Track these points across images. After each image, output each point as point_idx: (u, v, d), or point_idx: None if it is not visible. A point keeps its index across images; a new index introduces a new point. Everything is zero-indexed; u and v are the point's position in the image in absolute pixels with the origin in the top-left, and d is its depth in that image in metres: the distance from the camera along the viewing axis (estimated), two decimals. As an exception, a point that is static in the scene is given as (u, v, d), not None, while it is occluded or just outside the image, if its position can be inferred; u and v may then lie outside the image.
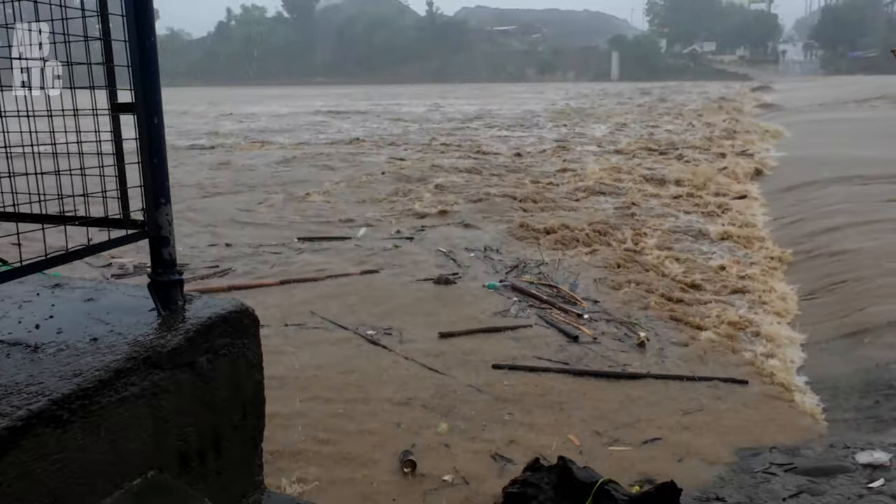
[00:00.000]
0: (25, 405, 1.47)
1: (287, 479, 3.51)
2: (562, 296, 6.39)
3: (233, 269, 7.35)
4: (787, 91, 47.83)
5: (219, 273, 7.20)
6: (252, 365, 2.16)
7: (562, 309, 6.01)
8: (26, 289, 2.21)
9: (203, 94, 57.70)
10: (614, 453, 3.84)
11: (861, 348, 5.04)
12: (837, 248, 7.49)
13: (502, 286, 6.65)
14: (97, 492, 1.63)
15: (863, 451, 3.51)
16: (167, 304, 2.02)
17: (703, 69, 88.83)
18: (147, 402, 1.75)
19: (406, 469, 3.67)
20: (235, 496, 2.14)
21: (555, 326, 5.64)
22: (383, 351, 5.20)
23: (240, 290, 6.53)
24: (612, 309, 6.10)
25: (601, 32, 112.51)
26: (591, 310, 6.07)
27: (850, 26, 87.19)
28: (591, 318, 5.86)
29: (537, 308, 6.08)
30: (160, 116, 1.98)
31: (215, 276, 7.11)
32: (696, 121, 26.16)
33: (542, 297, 6.32)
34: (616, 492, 2.71)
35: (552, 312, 5.91)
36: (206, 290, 6.26)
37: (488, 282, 6.75)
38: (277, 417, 3.97)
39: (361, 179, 13.37)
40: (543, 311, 5.96)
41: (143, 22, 1.88)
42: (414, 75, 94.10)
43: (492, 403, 4.40)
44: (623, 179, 13.00)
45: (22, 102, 1.96)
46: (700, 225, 9.51)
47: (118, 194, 2.04)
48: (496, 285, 6.66)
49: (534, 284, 6.75)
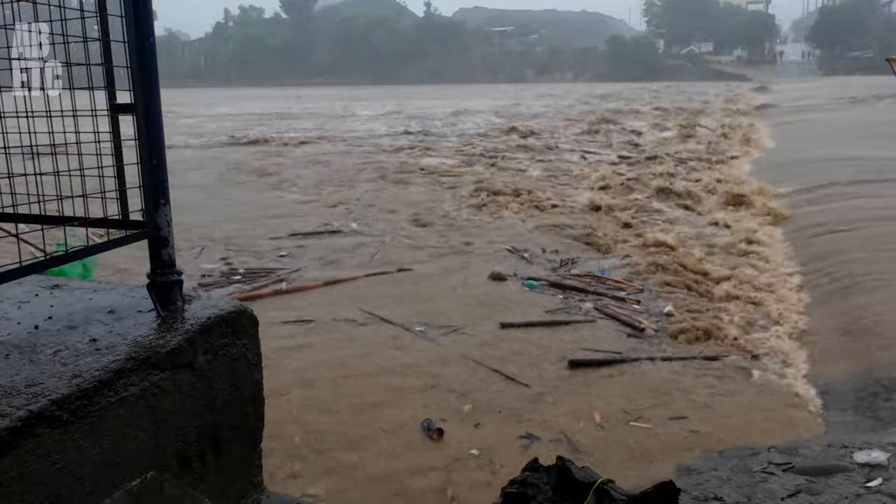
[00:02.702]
0: (25, 406, 1.47)
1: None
2: (605, 284, 6.60)
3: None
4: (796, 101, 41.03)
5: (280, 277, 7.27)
6: (252, 365, 2.16)
7: (615, 298, 6.29)
8: (25, 289, 2.21)
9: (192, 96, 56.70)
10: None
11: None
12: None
13: (540, 285, 6.79)
14: (97, 492, 1.63)
15: (861, 451, 3.52)
16: (166, 305, 2.02)
17: (700, 70, 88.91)
18: (146, 402, 1.75)
19: (434, 437, 3.83)
20: (235, 497, 2.14)
21: (617, 319, 5.79)
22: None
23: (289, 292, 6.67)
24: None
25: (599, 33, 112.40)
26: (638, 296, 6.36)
27: (847, 27, 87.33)
28: (647, 308, 6.09)
29: (587, 300, 6.29)
30: (159, 117, 1.98)
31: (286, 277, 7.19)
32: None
33: (587, 287, 6.54)
34: (615, 491, 2.71)
35: (606, 303, 6.12)
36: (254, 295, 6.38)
37: (527, 281, 6.88)
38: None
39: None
40: (595, 302, 6.19)
41: (142, 23, 1.88)
42: (412, 76, 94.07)
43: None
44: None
45: (21, 103, 1.96)
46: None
47: (117, 195, 2.04)
48: (534, 284, 6.79)
49: (569, 276, 6.95)
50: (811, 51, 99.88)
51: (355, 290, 6.75)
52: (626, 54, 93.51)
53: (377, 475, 3.67)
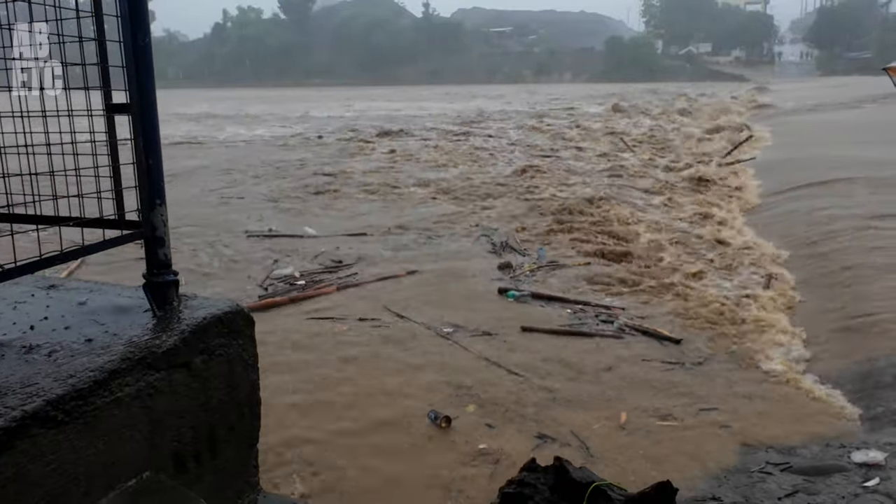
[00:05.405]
0: (20, 406, 1.47)
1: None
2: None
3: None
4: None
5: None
6: (248, 365, 2.16)
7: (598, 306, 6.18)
8: (21, 290, 2.21)
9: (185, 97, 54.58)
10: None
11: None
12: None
13: (521, 296, 6.41)
14: (92, 493, 1.62)
15: (858, 451, 3.52)
16: (162, 305, 2.02)
17: (698, 70, 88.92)
18: (142, 402, 1.75)
19: (443, 424, 3.96)
20: (231, 497, 2.14)
21: (649, 334, 5.57)
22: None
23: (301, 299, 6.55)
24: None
25: (597, 34, 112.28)
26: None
27: (845, 27, 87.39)
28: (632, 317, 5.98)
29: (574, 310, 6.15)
30: (155, 117, 1.98)
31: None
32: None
33: (570, 298, 6.40)
34: (612, 492, 2.71)
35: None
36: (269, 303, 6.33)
37: (509, 292, 6.49)
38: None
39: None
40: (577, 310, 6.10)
41: (137, 23, 1.88)
42: (411, 77, 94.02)
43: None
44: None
45: (16, 103, 1.96)
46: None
47: (113, 195, 2.04)
48: (516, 294, 6.43)
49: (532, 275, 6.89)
50: (809, 51, 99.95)
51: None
52: (625, 55, 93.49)
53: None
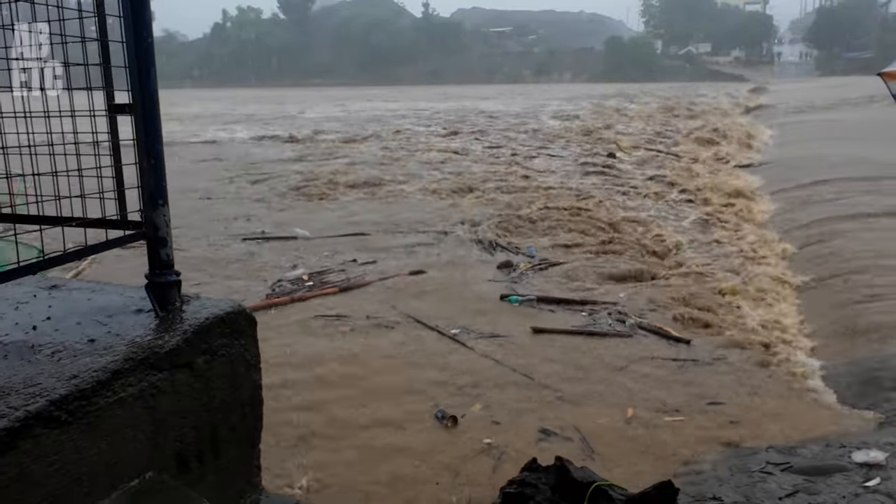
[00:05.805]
0: (23, 406, 1.47)
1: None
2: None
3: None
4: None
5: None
6: (250, 366, 2.16)
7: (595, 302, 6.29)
8: (23, 290, 2.21)
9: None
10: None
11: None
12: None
13: (526, 300, 6.34)
14: (95, 493, 1.62)
15: (859, 450, 3.52)
16: (164, 305, 2.02)
17: (698, 70, 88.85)
18: (145, 403, 1.75)
19: (449, 424, 4.00)
20: (233, 497, 2.14)
21: (659, 334, 5.64)
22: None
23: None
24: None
25: (597, 34, 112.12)
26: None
27: (844, 27, 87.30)
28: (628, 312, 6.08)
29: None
30: (157, 117, 1.98)
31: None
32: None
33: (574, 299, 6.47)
34: (613, 491, 2.71)
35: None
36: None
37: (511, 297, 6.44)
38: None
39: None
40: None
41: (140, 23, 1.88)
42: (411, 77, 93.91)
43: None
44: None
45: (19, 103, 1.96)
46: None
47: (115, 195, 2.04)
48: (519, 300, 6.36)
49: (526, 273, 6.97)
50: (809, 51, 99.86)
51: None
52: (625, 55, 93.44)
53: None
